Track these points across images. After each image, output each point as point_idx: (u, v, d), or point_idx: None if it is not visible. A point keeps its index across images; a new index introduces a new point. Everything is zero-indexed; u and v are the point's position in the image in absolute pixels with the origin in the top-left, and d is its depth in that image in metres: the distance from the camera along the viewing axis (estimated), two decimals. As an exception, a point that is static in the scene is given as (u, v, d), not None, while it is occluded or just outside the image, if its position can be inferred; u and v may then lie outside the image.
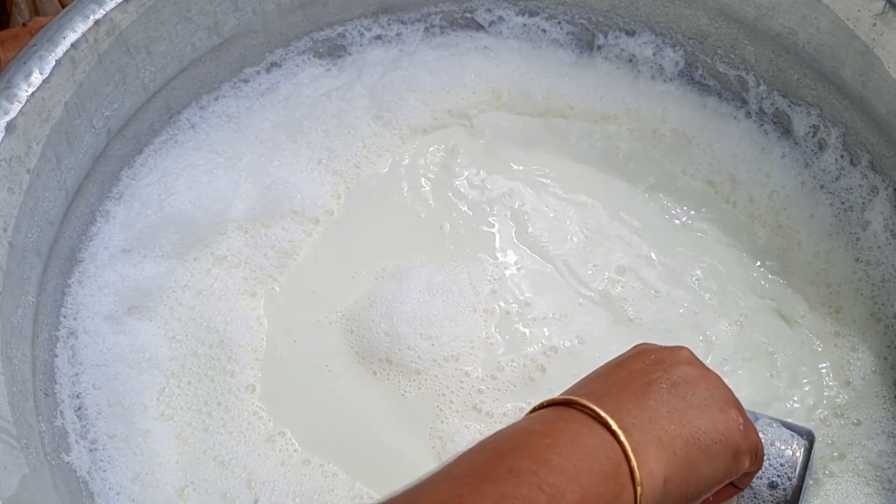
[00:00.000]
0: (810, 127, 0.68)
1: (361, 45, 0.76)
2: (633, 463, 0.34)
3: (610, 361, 0.43)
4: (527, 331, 0.62)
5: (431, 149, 0.71)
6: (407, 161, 0.71)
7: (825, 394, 0.60)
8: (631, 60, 0.74)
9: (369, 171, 0.70)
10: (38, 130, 0.53)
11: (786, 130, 0.69)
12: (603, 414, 0.35)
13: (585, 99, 0.73)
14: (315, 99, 0.72)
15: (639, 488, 0.34)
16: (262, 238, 0.65)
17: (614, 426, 0.35)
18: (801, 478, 0.49)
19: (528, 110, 0.73)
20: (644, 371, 0.40)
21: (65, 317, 0.57)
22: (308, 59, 0.75)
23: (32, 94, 0.52)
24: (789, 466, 0.48)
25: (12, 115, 0.51)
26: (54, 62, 0.53)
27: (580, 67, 0.74)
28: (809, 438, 0.51)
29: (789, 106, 0.69)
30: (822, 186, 0.67)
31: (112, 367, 0.56)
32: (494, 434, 0.35)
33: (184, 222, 0.62)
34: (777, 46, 0.67)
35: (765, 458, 0.48)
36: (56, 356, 0.55)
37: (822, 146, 0.67)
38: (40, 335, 0.53)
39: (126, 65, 0.60)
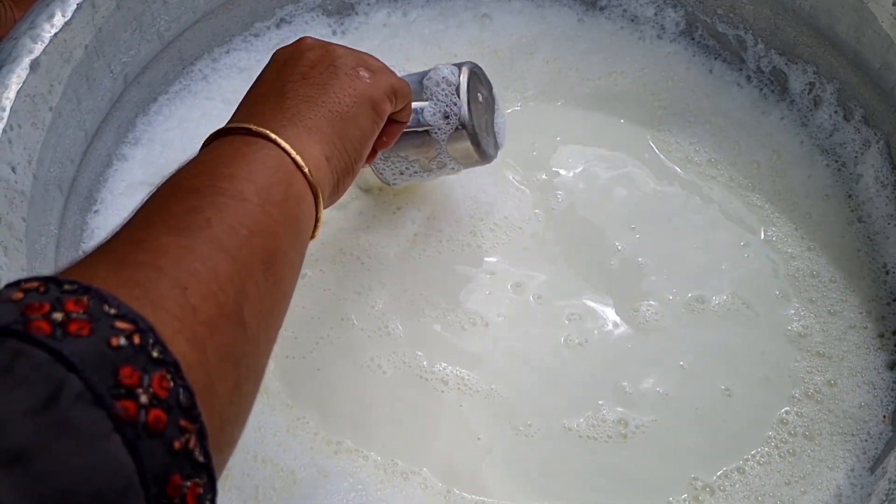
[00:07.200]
0: (806, 84, 0.69)
1: (369, 3, 0.78)
2: (293, 154, 0.38)
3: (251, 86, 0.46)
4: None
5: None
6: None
7: (807, 346, 0.61)
8: (633, 20, 0.76)
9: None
10: (59, 70, 0.55)
11: (783, 89, 0.71)
12: (253, 127, 0.39)
13: (589, 59, 0.75)
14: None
15: (305, 169, 0.39)
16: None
17: (266, 131, 0.39)
18: (468, 98, 0.56)
19: (529, 73, 0.75)
20: (276, 77, 0.44)
21: (84, 252, 0.59)
22: (316, 16, 0.77)
23: (55, 34, 0.54)
24: (454, 94, 0.56)
25: (36, 53, 0.53)
26: (76, 5, 0.55)
27: (584, 28, 0.76)
28: (471, 66, 0.57)
29: (786, 64, 0.70)
30: (817, 145, 0.69)
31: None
32: (163, 183, 0.37)
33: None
34: (775, 4, 0.68)
35: (434, 97, 0.56)
36: (76, 288, 0.57)
37: (817, 103, 0.69)
38: (62, 266, 0.55)
39: (142, 12, 0.62)
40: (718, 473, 0.56)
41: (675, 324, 0.62)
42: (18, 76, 0.52)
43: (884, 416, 0.59)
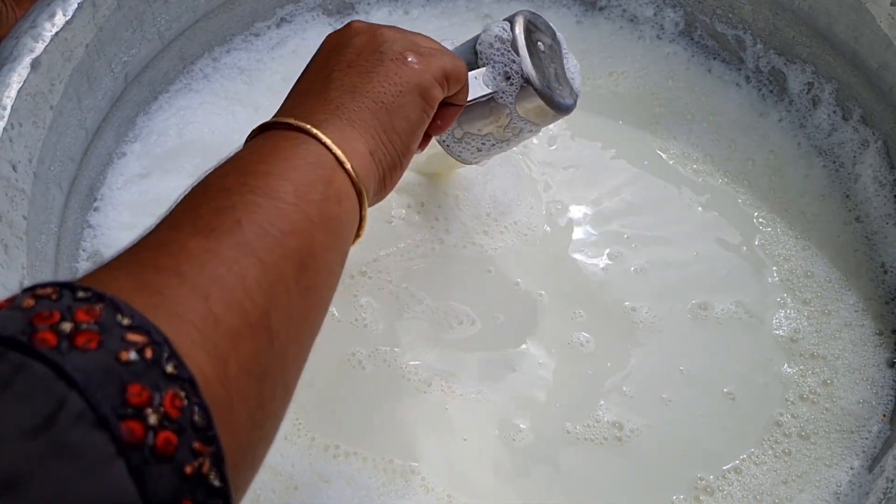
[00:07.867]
0: (805, 84, 0.70)
1: (369, 2, 0.78)
2: (335, 149, 0.36)
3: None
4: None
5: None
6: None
7: (800, 348, 0.61)
8: (633, 21, 0.76)
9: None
10: (60, 69, 0.55)
11: (781, 89, 0.71)
12: (293, 121, 0.37)
13: (589, 60, 0.75)
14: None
15: (347, 166, 0.36)
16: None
17: (306, 125, 0.36)
18: (527, 51, 0.50)
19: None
20: (323, 66, 0.41)
21: (84, 250, 0.59)
22: (317, 15, 0.77)
23: (56, 34, 0.54)
24: (510, 50, 0.50)
25: (37, 52, 0.53)
26: (77, 4, 0.56)
27: (583, 28, 0.76)
28: (525, 15, 0.52)
29: (785, 64, 0.71)
30: (815, 146, 0.69)
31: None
32: (196, 182, 0.35)
33: (206, 148, 0.64)
34: (773, 4, 0.69)
35: (491, 60, 0.50)
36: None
37: (815, 103, 0.69)
38: (62, 264, 0.56)
39: (143, 12, 0.62)
40: (717, 474, 0.56)
41: (673, 327, 0.62)
42: (19, 75, 0.52)
43: (883, 415, 0.59)
